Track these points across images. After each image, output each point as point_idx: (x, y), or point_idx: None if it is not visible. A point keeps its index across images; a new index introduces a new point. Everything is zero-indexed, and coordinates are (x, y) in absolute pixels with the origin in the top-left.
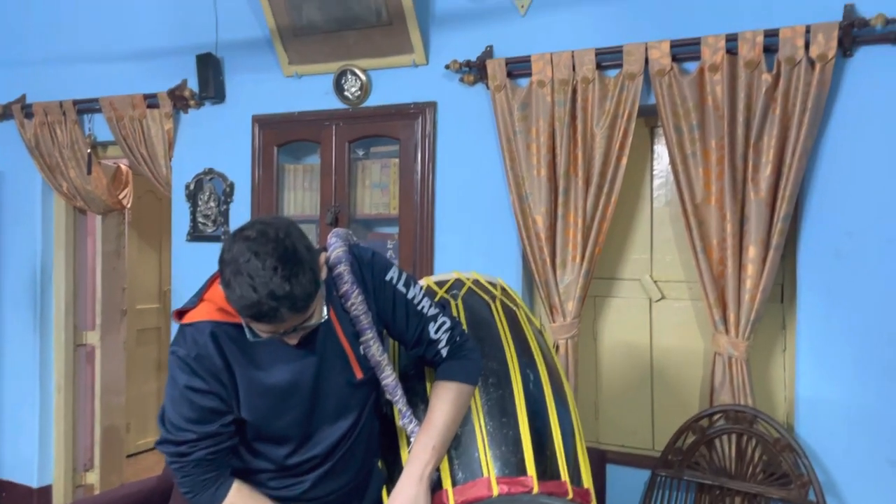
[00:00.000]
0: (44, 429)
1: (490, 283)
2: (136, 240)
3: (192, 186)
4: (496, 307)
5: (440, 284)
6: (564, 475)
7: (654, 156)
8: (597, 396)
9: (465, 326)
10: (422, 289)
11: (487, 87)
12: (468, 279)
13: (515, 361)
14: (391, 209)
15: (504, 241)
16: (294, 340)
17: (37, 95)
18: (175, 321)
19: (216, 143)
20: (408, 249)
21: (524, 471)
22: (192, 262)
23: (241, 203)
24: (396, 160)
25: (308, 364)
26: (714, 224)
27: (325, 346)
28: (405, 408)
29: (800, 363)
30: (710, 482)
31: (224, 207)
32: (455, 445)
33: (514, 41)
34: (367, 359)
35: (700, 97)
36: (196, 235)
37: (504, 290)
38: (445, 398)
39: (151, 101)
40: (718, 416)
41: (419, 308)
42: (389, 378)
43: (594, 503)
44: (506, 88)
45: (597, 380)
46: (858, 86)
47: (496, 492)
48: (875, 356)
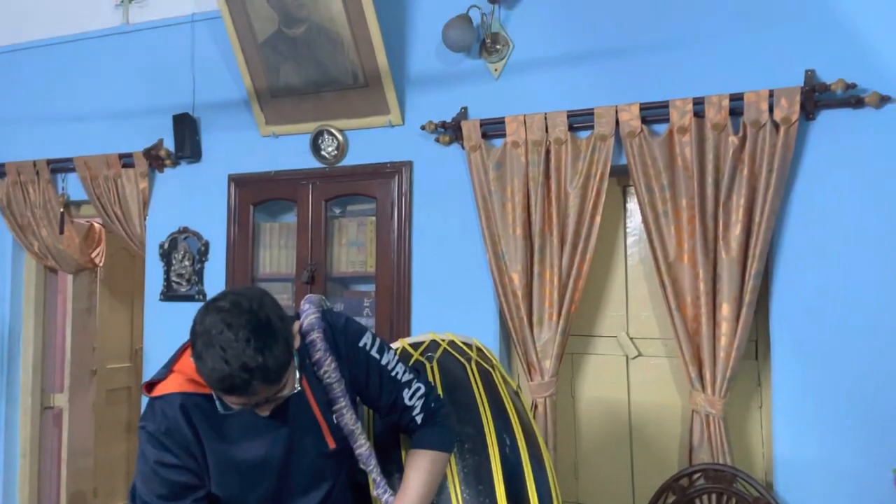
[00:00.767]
0: (8, 496)
1: (465, 344)
2: (108, 297)
3: (167, 245)
4: (472, 369)
5: (415, 346)
6: None
7: (627, 214)
8: (576, 455)
9: (441, 389)
10: (396, 354)
11: (463, 147)
12: (443, 340)
13: (491, 426)
14: (368, 267)
15: (481, 299)
16: (266, 412)
17: (10, 155)
18: (144, 394)
19: (192, 202)
20: (384, 307)
21: None
22: (165, 322)
23: (216, 262)
24: (373, 218)
25: (280, 436)
26: (687, 282)
27: (297, 416)
28: (379, 477)
29: (776, 420)
30: None
31: (198, 266)
32: None
33: (489, 103)
34: (341, 428)
35: (670, 158)
36: (169, 295)
37: (480, 351)
38: (420, 467)
39: (127, 161)
40: (698, 475)
41: (393, 374)
42: (363, 447)
43: None
44: (481, 148)
45: (576, 438)
46: (822, 148)
47: None
48: (851, 413)
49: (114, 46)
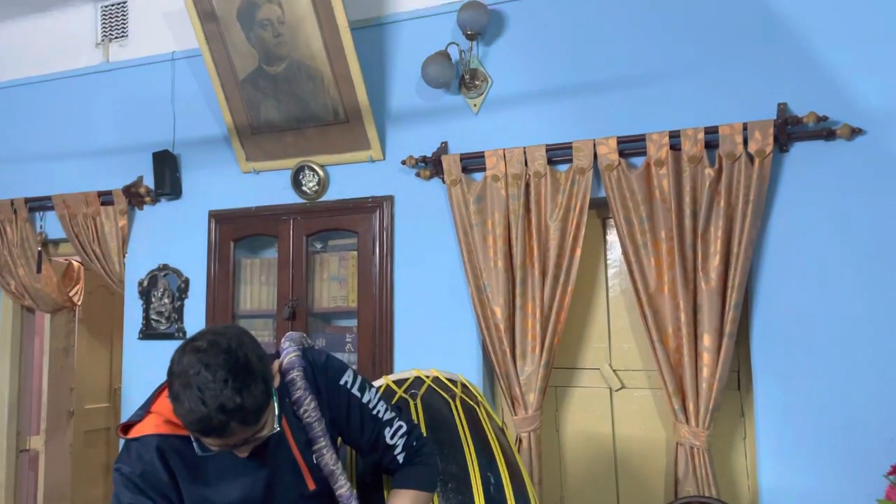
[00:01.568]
0: None
1: (450, 381)
2: (87, 336)
3: (146, 283)
4: (456, 406)
5: (399, 383)
6: None
7: (608, 246)
8: (562, 490)
9: (425, 427)
10: (377, 392)
11: (443, 182)
12: (428, 377)
13: (476, 464)
14: (349, 302)
15: (464, 333)
16: (245, 453)
17: None
18: (120, 436)
19: (171, 239)
20: (366, 342)
21: None
22: (144, 361)
23: (197, 299)
24: (355, 253)
25: (258, 477)
26: (668, 313)
27: (276, 457)
28: None
29: (760, 451)
30: None
31: (178, 304)
32: None
33: (468, 137)
34: (321, 468)
35: (648, 190)
36: (149, 333)
37: (465, 387)
38: None
39: (106, 198)
40: None
41: (374, 412)
42: (344, 488)
43: None
44: (461, 182)
45: (561, 472)
46: (796, 179)
47: None
48: (834, 442)
49: (94, 84)
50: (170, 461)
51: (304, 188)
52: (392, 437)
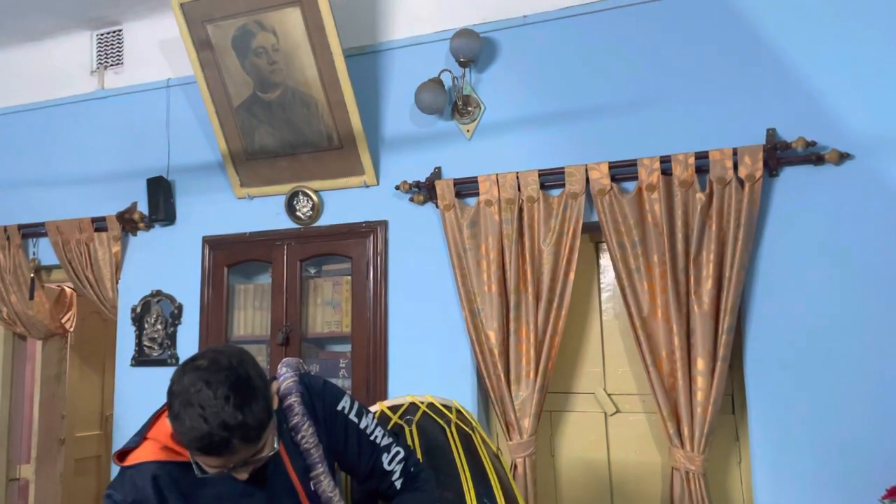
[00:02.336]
0: None
1: (445, 407)
2: (78, 363)
3: (139, 309)
4: (451, 432)
5: (394, 409)
6: None
7: (601, 270)
8: None
9: (420, 453)
10: (374, 418)
11: (437, 206)
12: (422, 403)
13: (472, 490)
14: (343, 327)
15: (458, 358)
16: (244, 475)
17: None
18: (116, 463)
19: (165, 265)
20: (360, 367)
21: None
22: (137, 388)
23: (190, 325)
24: (349, 278)
25: None
26: (662, 337)
27: (274, 483)
28: None
29: (756, 475)
30: None
31: (171, 330)
32: None
33: (462, 163)
34: (318, 495)
35: (640, 215)
36: (141, 359)
37: (459, 413)
38: None
39: (100, 224)
40: None
41: (372, 438)
42: None
43: None
44: (455, 207)
45: (557, 497)
46: (787, 204)
47: None
48: (829, 465)
49: (89, 111)
50: (164, 490)
51: (299, 213)
52: (389, 463)
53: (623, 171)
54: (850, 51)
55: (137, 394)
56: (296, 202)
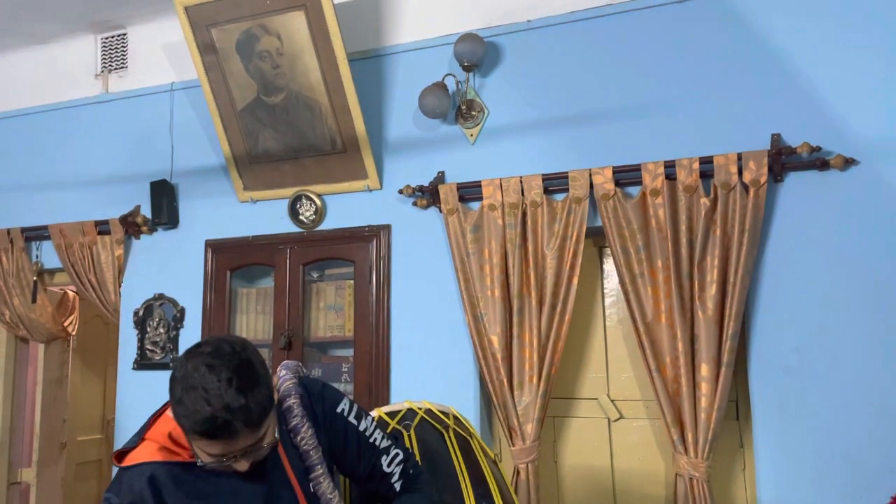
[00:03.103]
0: None
1: (442, 413)
2: (80, 367)
3: (142, 312)
4: (449, 437)
5: (392, 415)
6: None
7: (605, 275)
8: None
9: (419, 458)
10: (373, 421)
11: (440, 211)
12: (420, 409)
13: (471, 493)
14: (346, 331)
15: (461, 363)
16: (244, 466)
17: None
18: (114, 464)
19: (168, 269)
20: (363, 372)
21: None
22: (139, 392)
23: (192, 329)
24: (351, 282)
25: None
26: (666, 342)
27: (273, 485)
28: None
29: (760, 482)
30: None
31: (174, 333)
32: None
33: (465, 167)
34: (318, 497)
35: (644, 219)
36: (143, 363)
37: (457, 419)
38: None
39: (103, 228)
40: None
41: (371, 440)
42: None
43: None
44: (458, 212)
45: None
46: (791, 209)
47: None
48: (833, 473)
49: (93, 115)
50: (162, 490)
51: (301, 217)
52: (389, 466)
53: (627, 176)
54: (856, 56)
55: (139, 397)
56: (299, 206)
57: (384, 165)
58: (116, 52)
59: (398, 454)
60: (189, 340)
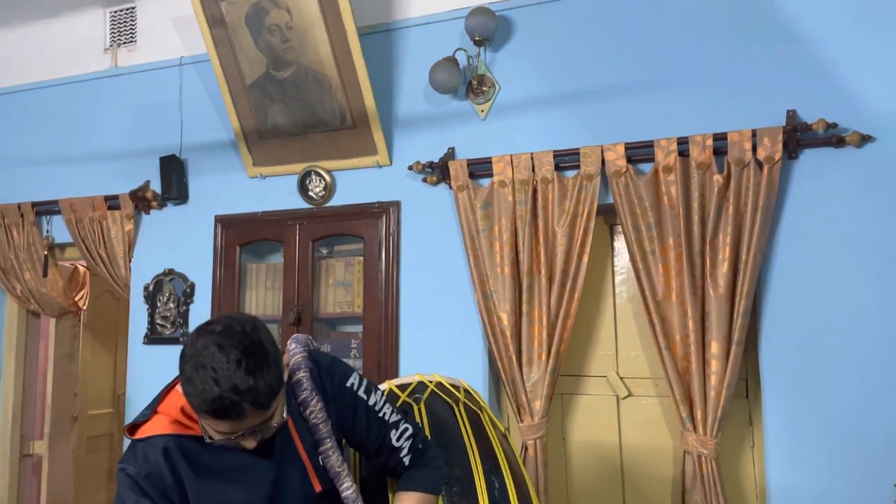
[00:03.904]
0: None
1: (453, 386)
2: (91, 341)
3: (152, 287)
4: (459, 410)
5: (402, 388)
6: None
7: (615, 253)
8: (568, 498)
9: (428, 431)
10: (383, 395)
11: (450, 187)
12: (430, 382)
13: (480, 468)
14: (355, 307)
15: (470, 339)
16: (252, 444)
17: None
18: (127, 436)
19: (177, 244)
20: (372, 348)
21: None
22: (149, 366)
23: (202, 304)
24: (361, 258)
25: (264, 478)
26: (676, 320)
27: (282, 458)
28: None
29: (769, 460)
30: None
31: (184, 308)
32: None
33: (475, 143)
34: (327, 470)
35: (656, 197)
36: (154, 338)
37: (467, 393)
38: None
39: (113, 203)
40: None
41: (381, 415)
42: (349, 490)
43: None
44: (468, 188)
45: (567, 480)
46: (806, 187)
47: None
48: (843, 451)
49: (102, 89)
50: (175, 462)
51: (311, 193)
52: (398, 440)
53: (639, 153)
54: (872, 32)
55: (150, 372)
56: (308, 182)
57: (394, 141)
58: (125, 26)
59: (407, 429)
60: (199, 315)
